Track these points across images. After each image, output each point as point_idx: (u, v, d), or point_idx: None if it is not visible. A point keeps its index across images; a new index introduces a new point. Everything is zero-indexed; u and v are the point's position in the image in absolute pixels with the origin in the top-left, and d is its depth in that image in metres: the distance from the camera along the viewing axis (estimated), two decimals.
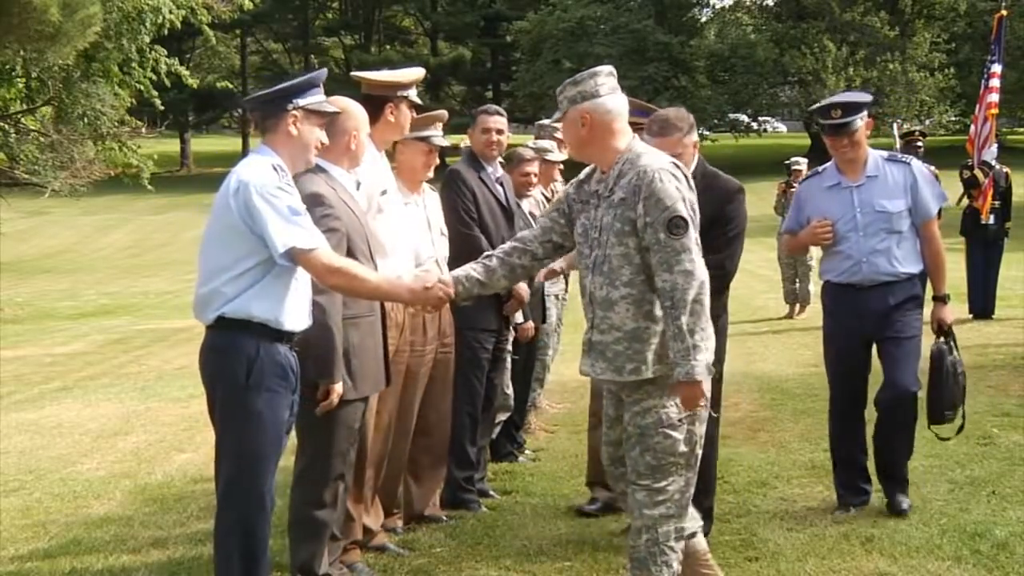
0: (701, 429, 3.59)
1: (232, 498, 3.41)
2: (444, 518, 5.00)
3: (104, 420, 7.78)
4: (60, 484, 5.94)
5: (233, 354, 3.36)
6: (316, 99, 3.56)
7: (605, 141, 3.60)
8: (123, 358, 11.25)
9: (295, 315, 3.46)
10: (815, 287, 12.58)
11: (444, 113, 4.99)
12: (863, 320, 4.82)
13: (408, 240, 4.57)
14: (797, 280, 12.39)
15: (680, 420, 3.52)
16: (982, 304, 11.23)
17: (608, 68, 3.68)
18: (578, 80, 3.62)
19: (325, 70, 3.83)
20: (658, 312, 3.49)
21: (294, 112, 3.50)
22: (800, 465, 5.76)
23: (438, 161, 4.96)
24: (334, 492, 3.95)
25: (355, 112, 4.02)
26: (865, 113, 4.82)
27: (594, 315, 3.61)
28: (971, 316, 11.11)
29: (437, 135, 4.82)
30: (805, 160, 12.76)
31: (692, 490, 3.62)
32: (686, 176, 3.57)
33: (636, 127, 4.78)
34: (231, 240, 3.36)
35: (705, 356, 3.39)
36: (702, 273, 3.42)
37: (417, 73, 4.57)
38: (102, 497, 5.64)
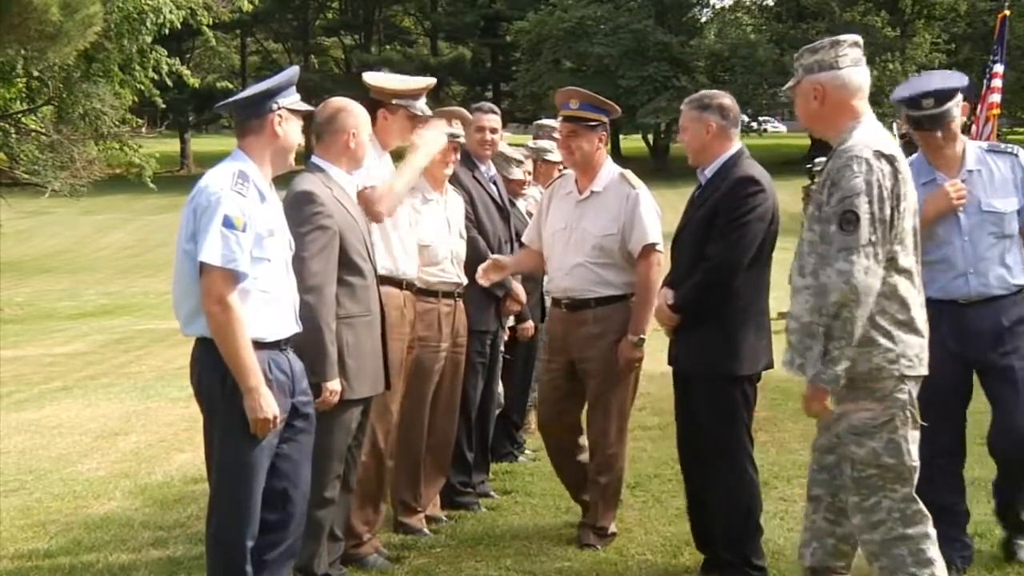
0: (911, 436, 3.26)
1: (216, 505, 3.39)
2: (444, 518, 5.00)
3: (104, 420, 7.78)
4: (60, 484, 5.94)
5: (212, 365, 3.30)
6: (295, 98, 3.52)
7: (836, 118, 3.36)
8: (123, 358, 11.25)
9: (271, 324, 3.37)
10: None
11: (459, 110, 5.03)
12: (966, 343, 4.05)
13: (412, 238, 4.63)
14: None
15: (876, 427, 3.23)
16: None
17: (854, 37, 3.41)
18: (817, 48, 3.38)
19: (298, 68, 3.79)
20: None
21: (279, 112, 3.44)
22: (800, 465, 5.75)
23: (457, 157, 4.93)
24: (332, 492, 3.95)
25: (354, 111, 3.98)
26: (960, 98, 4.10)
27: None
28: None
29: (454, 131, 4.82)
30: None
31: (917, 506, 3.26)
32: (892, 163, 3.23)
33: (587, 123, 4.58)
34: (194, 249, 3.28)
35: (836, 367, 3.15)
36: (861, 278, 3.12)
37: (417, 83, 4.57)
38: (102, 497, 5.64)
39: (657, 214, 4.62)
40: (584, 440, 4.74)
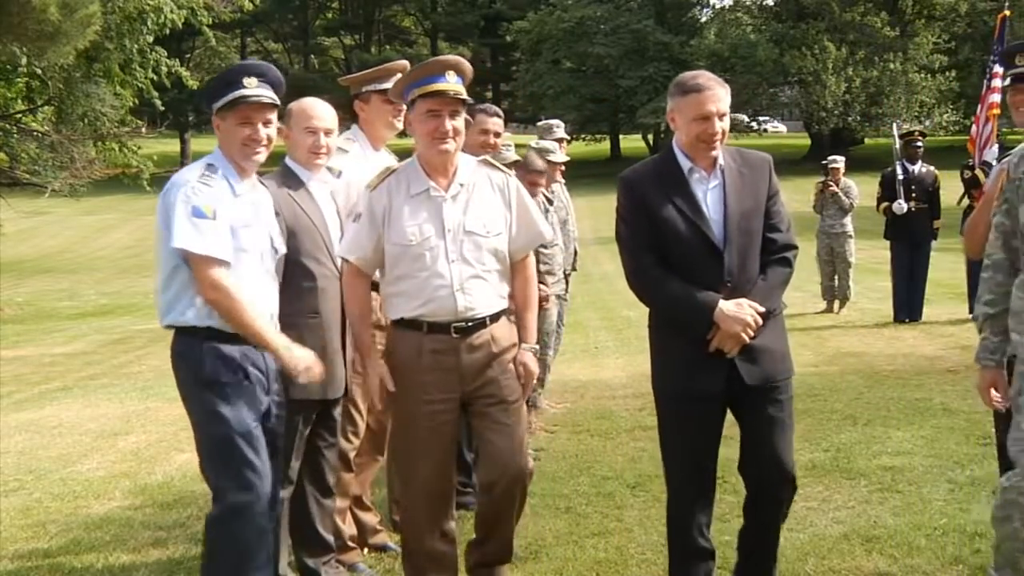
0: None
1: (214, 494, 3.45)
2: None
3: (104, 420, 7.78)
4: (60, 484, 5.94)
5: (184, 357, 3.45)
6: (229, 97, 3.48)
7: None
8: (123, 358, 11.25)
9: None
10: (856, 284, 12.56)
11: None
12: None
13: None
14: (836, 277, 12.35)
15: None
16: None
17: None
18: None
19: (241, 64, 3.69)
20: None
21: (215, 115, 3.53)
22: (800, 465, 5.72)
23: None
24: (282, 492, 3.91)
25: (295, 110, 3.98)
26: None
27: None
28: (972, 316, 11.09)
29: None
30: (843, 159, 12.69)
31: None
32: None
33: (464, 102, 3.65)
34: (165, 244, 3.37)
35: None
36: None
37: (381, 66, 4.50)
38: (102, 497, 5.64)
39: None
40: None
